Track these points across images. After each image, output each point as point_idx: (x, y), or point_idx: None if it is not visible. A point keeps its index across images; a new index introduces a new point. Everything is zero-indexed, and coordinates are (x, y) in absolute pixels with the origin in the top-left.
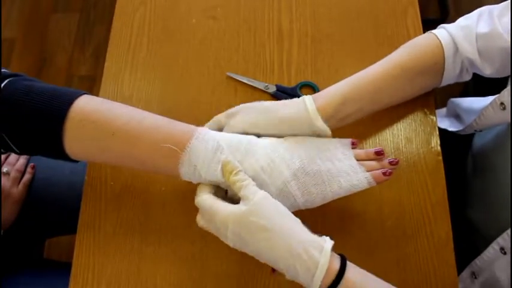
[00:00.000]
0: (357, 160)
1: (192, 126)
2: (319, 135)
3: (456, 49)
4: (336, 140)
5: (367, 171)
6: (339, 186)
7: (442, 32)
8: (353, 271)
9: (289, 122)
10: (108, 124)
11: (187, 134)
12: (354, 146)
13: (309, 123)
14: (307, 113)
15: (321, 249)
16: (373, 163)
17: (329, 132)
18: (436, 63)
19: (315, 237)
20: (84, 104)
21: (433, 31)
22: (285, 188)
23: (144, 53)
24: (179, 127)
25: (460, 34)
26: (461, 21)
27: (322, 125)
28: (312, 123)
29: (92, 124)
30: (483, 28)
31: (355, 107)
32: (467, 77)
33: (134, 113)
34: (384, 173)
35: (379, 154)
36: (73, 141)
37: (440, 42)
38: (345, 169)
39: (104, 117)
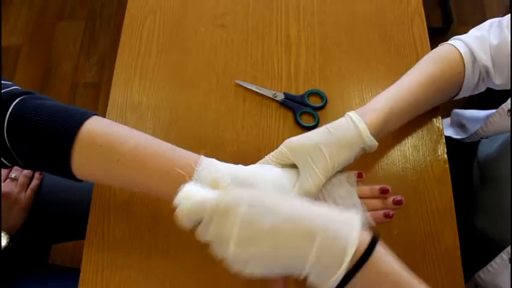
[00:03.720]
0: (361, 197)
1: (196, 155)
2: (363, 150)
3: (474, 58)
4: (343, 174)
5: (369, 210)
6: None
7: (458, 43)
8: (383, 253)
9: (343, 143)
10: (114, 149)
11: (192, 164)
12: (360, 178)
13: (359, 141)
14: (358, 132)
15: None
16: (376, 202)
17: (376, 145)
18: (460, 72)
19: (338, 216)
20: (93, 127)
21: (449, 42)
22: None
23: (153, 60)
24: (184, 155)
25: (475, 44)
26: (474, 32)
27: (372, 142)
28: (363, 141)
29: (98, 149)
30: (494, 39)
31: (398, 119)
32: (482, 88)
33: (140, 138)
34: (386, 215)
35: (385, 192)
36: (80, 164)
37: (459, 52)
38: (345, 208)
39: (110, 142)
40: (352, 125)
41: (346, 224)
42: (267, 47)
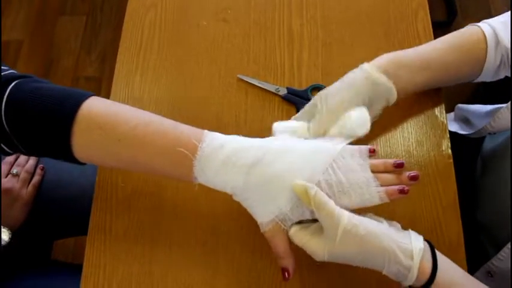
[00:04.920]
0: (374, 171)
1: (199, 130)
2: (387, 99)
3: (498, 41)
4: (354, 147)
5: (383, 185)
6: (349, 200)
7: (482, 24)
8: (443, 274)
9: (348, 81)
10: (114, 129)
11: (195, 140)
12: (372, 154)
13: (364, 76)
14: (362, 68)
15: (410, 255)
16: (390, 177)
17: (391, 85)
18: (482, 48)
19: (402, 245)
20: (91, 107)
21: (475, 23)
22: (293, 196)
23: (155, 55)
24: (186, 132)
25: (500, 27)
26: (499, 17)
27: (379, 76)
28: (368, 74)
29: (98, 129)
30: None
31: (410, 70)
32: (502, 74)
33: (141, 116)
34: (401, 191)
35: (399, 167)
36: (81, 146)
37: (483, 31)
38: (357, 182)
39: (110, 122)
40: (359, 67)
41: (408, 243)
42: (270, 41)
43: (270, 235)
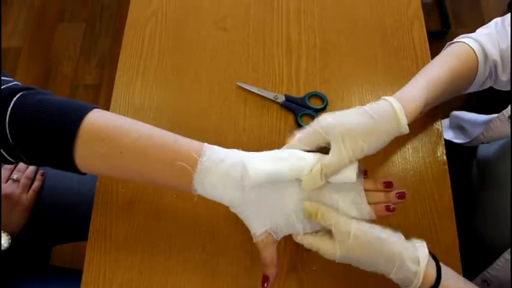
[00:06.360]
0: (365, 189)
1: (199, 144)
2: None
3: (485, 54)
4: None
5: (373, 202)
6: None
7: (469, 40)
8: (447, 281)
9: (381, 131)
10: (117, 142)
11: (195, 153)
12: (364, 176)
13: (397, 131)
14: (398, 122)
15: (417, 261)
16: (379, 195)
17: (408, 131)
18: (475, 67)
19: (409, 251)
20: (94, 120)
21: (460, 40)
22: (286, 212)
23: (155, 63)
24: (186, 145)
25: (485, 40)
26: (482, 30)
27: (406, 131)
28: (400, 130)
29: (101, 142)
30: (502, 43)
31: (427, 107)
32: (488, 84)
33: (142, 129)
34: (387, 209)
35: (388, 186)
36: (83, 158)
37: (472, 49)
38: (349, 198)
39: (112, 135)
40: (394, 115)
41: (414, 249)
42: (268, 50)
43: (261, 245)
